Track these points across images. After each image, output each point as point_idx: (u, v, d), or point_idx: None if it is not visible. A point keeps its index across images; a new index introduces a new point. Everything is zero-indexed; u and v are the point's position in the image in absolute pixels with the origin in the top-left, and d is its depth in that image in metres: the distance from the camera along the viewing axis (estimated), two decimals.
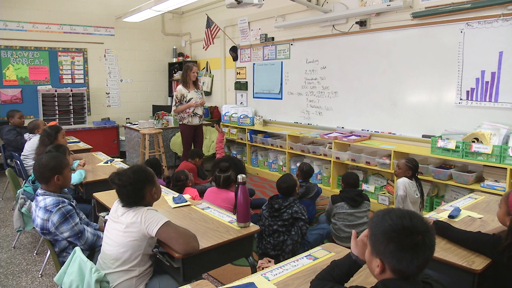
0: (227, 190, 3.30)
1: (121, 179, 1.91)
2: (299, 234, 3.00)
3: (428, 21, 4.00)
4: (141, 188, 1.92)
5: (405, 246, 1.10)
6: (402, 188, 3.40)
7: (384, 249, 1.13)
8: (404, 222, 1.12)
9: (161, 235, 1.84)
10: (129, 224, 1.86)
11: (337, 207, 3.35)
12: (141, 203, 1.93)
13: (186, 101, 5.09)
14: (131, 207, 1.91)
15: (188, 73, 5.10)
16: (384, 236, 1.13)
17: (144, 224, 1.84)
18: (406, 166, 3.46)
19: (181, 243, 1.82)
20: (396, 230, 1.12)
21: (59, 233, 2.21)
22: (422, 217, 1.16)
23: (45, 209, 2.22)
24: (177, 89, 5.17)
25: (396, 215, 1.14)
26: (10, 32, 6.35)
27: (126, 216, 1.89)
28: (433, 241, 1.14)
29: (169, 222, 1.87)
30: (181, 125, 5.25)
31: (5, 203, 4.80)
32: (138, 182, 1.91)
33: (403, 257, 1.11)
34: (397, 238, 1.11)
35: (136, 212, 1.88)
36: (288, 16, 5.61)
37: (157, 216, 1.87)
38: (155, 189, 2.00)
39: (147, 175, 1.98)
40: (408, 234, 1.11)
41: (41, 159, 2.35)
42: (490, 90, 3.65)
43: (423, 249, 1.11)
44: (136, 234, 1.85)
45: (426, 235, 1.11)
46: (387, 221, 1.14)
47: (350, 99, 4.94)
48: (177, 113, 5.19)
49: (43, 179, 2.31)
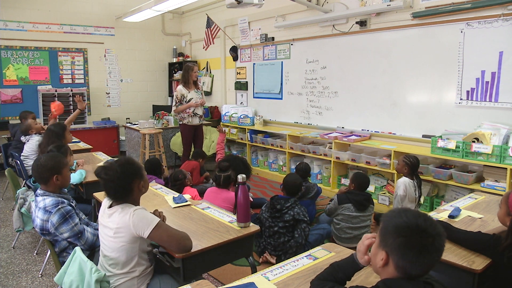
0: (227, 190, 3.30)
1: (107, 173, 1.82)
2: (302, 236, 3.00)
3: (428, 21, 4.00)
4: (129, 182, 1.85)
5: (413, 244, 1.12)
6: (402, 188, 3.40)
7: (393, 242, 1.15)
8: (418, 221, 1.14)
9: (153, 238, 1.80)
10: (117, 229, 1.80)
11: (343, 208, 3.30)
12: (128, 198, 1.87)
13: (186, 101, 5.09)
14: (118, 202, 1.85)
15: (190, 73, 5.10)
16: (395, 230, 1.15)
17: (133, 228, 1.78)
18: (403, 161, 3.46)
19: (173, 245, 1.81)
20: (409, 226, 1.14)
21: (58, 234, 2.21)
22: (436, 222, 1.17)
23: (45, 209, 2.21)
24: (177, 89, 5.17)
25: (412, 214, 1.17)
26: (10, 32, 6.36)
27: (112, 219, 1.82)
28: (442, 246, 1.15)
29: (159, 223, 1.80)
30: (181, 125, 5.25)
31: (5, 203, 4.80)
32: (125, 176, 1.84)
33: (408, 254, 1.12)
34: (408, 234, 1.13)
35: (121, 215, 1.80)
36: (288, 16, 5.61)
37: (146, 219, 1.79)
38: (143, 182, 1.92)
39: (135, 169, 1.89)
40: (419, 233, 1.12)
41: (39, 159, 2.33)
42: (490, 90, 3.65)
43: (430, 251, 1.12)
44: (126, 238, 1.80)
45: (436, 239, 1.13)
46: (403, 218, 1.16)
47: (350, 99, 4.94)
48: (177, 113, 5.19)
49: (42, 180, 2.30)
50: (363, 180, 3.42)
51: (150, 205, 2.49)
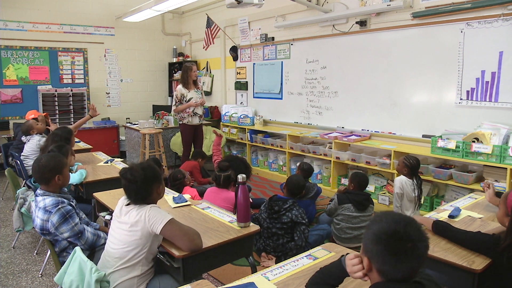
0: (227, 190, 3.30)
1: (133, 174, 1.90)
2: (302, 238, 2.99)
3: (428, 21, 4.00)
4: (150, 185, 1.93)
5: (392, 250, 1.10)
6: (398, 186, 3.41)
7: (372, 248, 1.14)
8: (396, 227, 1.12)
9: (165, 233, 1.85)
10: (133, 223, 1.86)
11: (343, 208, 3.30)
12: (147, 200, 1.93)
13: (186, 100, 5.10)
14: (136, 204, 1.91)
15: (189, 73, 5.10)
16: (374, 236, 1.14)
17: (148, 222, 1.84)
18: (403, 163, 3.45)
19: (186, 240, 1.85)
20: (387, 232, 1.12)
21: (59, 234, 2.21)
22: (419, 226, 1.15)
23: (45, 209, 2.21)
24: (177, 89, 5.17)
25: (392, 218, 1.15)
26: (10, 32, 6.35)
27: (129, 215, 1.89)
28: (423, 252, 1.12)
29: (173, 220, 1.87)
30: (181, 125, 5.25)
31: (5, 203, 4.80)
32: (147, 178, 1.92)
33: (387, 260, 1.11)
34: (386, 241, 1.11)
35: (139, 211, 1.87)
36: (288, 16, 5.61)
37: (161, 214, 1.87)
38: (162, 187, 2.02)
39: (156, 173, 1.99)
40: (397, 239, 1.10)
41: (40, 160, 2.33)
42: (490, 90, 3.65)
43: (409, 257, 1.10)
44: (141, 233, 1.85)
45: (417, 244, 1.10)
46: (382, 223, 1.15)
47: (350, 99, 4.94)
48: (177, 113, 5.19)
49: (44, 180, 2.30)
50: (362, 179, 3.42)
51: None
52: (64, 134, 3.58)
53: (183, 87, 5.11)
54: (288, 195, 3.22)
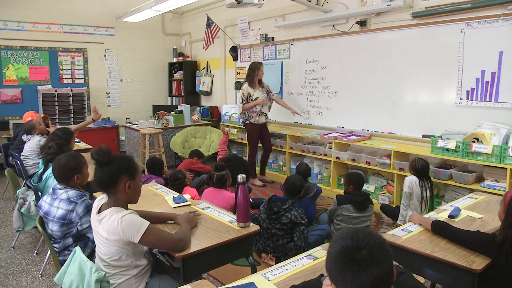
0: (224, 190, 3.30)
1: (100, 154, 1.76)
2: (302, 239, 2.99)
3: (428, 21, 4.00)
4: (117, 175, 1.79)
5: (346, 265, 1.02)
6: (407, 185, 3.52)
7: (330, 269, 1.08)
8: (343, 242, 1.05)
9: (143, 243, 1.80)
10: (107, 236, 1.77)
11: (342, 209, 3.30)
12: (111, 191, 1.81)
13: (252, 99, 5.06)
14: (101, 190, 1.82)
15: (256, 71, 5.05)
16: (330, 260, 1.08)
17: (123, 234, 1.75)
18: (411, 165, 3.57)
19: (166, 247, 1.83)
20: (336, 250, 1.06)
21: (79, 224, 2.27)
22: (369, 232, 1.07)
23: (69, 200, 2.30)
24: (243, 88, 5.11)
25: (341, 236, 1.08)
26: (10, 32, 6.36)
27: (103, 226, 1.79)
28: (381, 257, 1.02)
29: (149, 229, 1.77)
30: (247, 124, 5.22)
31: (5, 203, 4.80)
32: (116, 167, 1.79)
33: (346, 277, 1.02)
34: (339, 258, 1.04)
35: (111, 221, 1.75)
36: (288, 16, 5.61)
37: (134, 225, 1.75)
38: (133, 184, 1.83)
39: (130, 165, 1.83)
40: (348, 251, 1.03)
41: (60, 159, 2.43)
42: (490, 90, 3.65)
43: (367, 266, 1.00)
44: (119, 242, 1.77)
45: (371, 250, 1.02)
46: (332, 247, 1.08)
47: (350, 99, 4.94)
48: (243, 112, 5.14)
49: (64, 179, 2.41)
50: (360, 178, 3.47)
51: (150, 205, 2.50)
52: (64, 135, 3.59)
53: (249, 86, 5.07)
54: (287, 195, 3.22)
